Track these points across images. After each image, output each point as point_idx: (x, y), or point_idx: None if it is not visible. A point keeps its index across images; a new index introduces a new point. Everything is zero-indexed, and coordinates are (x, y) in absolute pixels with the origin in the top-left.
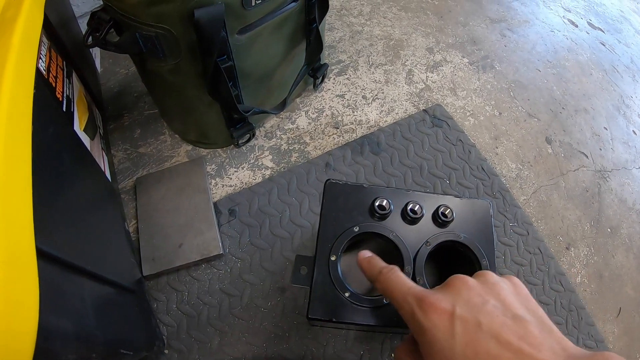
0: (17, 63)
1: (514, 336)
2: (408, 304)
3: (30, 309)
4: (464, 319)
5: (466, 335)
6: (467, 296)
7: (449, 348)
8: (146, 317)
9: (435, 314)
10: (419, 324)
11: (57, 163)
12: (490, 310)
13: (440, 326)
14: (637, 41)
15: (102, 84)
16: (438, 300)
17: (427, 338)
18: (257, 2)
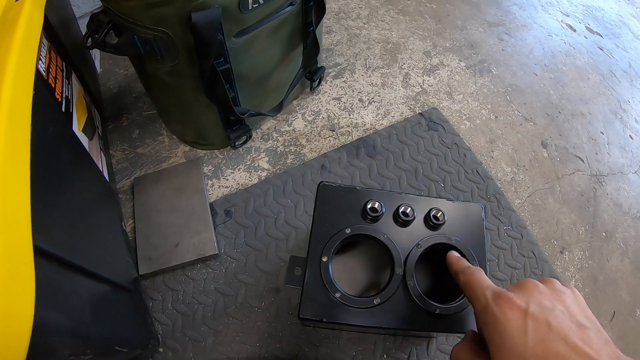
0: (17, 64)
1: (579, 340)
2: (484, 297)
3: (26, 304)
4: (536, 318)
5: (538, 333)
6: (539, 298)
7: (522, 344)
8: (141, 315)
9: (510, 309)
10: (493, 316)
11: (55, 163)
12: (558, 315)
13: (513, 322)
14: (636, 46)
15: (101, 85)
16: (514, 297)
17: (498, 330)
18: (254, 5)
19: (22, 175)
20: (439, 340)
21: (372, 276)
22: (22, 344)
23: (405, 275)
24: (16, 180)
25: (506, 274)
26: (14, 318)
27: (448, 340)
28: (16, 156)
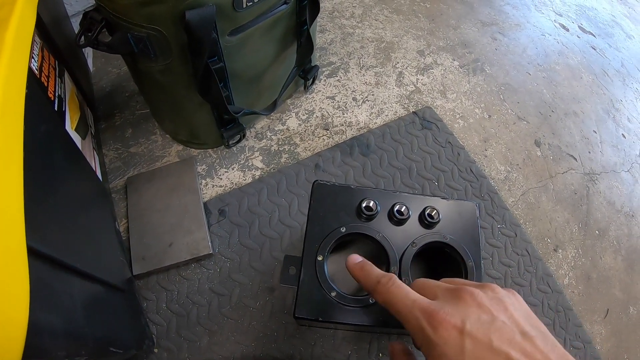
0: (9, 62)
1: (522, 354)
2: (415, 319)
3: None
4: (474, 337)
5: (476, 352)
6: (477, 313)
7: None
8: (136, 315)
9: (445, 331)
10: (428, 340)
11: (48, 162)
12: (500, 327)
13: (450, 342)
14: (628, 45)
15: (94, 83)
16: (448, 315)
17: (436, 353)
18: (248, 3)
19: (15, 175)
20: None
21: None
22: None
23: (401, 274)
24: (9, 179)
25: (500, 272)
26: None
27: None
28: (9, 155)
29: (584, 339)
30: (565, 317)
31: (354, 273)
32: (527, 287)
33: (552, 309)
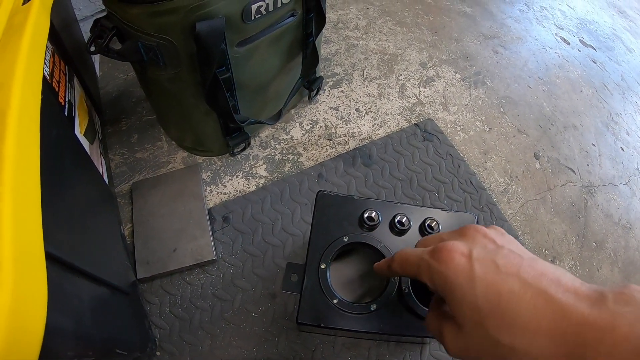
0: (26, 68)
1: (532, 272)
2: (424, 262)
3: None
4: (482, 261)
5: (486, 276)
6: (483, 242)
7: (471, 292)
8: (139, 319)
9: (453, 261)
10: (439, 275)
11: (59, 166)
12: (506, 254)
13: (459, 270)
14: (628, 59)
15: (101, 89)
16: (454, 246)
17: (449, 286)
18: (256, 16)
19: (34, 180)
20: (432, 347)
21: (368, 283)
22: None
23: (401, 283)
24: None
25: None
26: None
27: (441, 346)
28: (27, 161)
29: None
30: None
31: (377, 268)
32: None
33: None
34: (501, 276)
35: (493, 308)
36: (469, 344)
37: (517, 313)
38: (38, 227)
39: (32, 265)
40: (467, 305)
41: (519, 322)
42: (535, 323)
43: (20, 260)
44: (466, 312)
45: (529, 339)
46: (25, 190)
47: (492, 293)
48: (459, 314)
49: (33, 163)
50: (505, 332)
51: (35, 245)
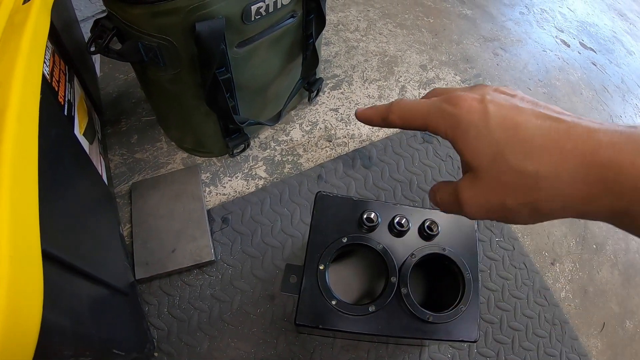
0: (26, 68)
1: (550, 110)
2: (436, 107)
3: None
4: (496, 102)
5: (501, 111)
6: (494, 93)
7: (485, 126)
8: (138, 319)
9: (465, 102)
10: (451, 117)
11: (58, 166)
12: (521, 97)
13: (473, 110)
14: (628, 61)
15: (101, 89)
16: (468, 93)
17: (462, 126)
18: (256, 17)
19: (31, 178)
20: (431, 349)
21: (367, 284)
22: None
23: (400, 284)
24: (26, 182)
25: (497, 285)
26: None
27: (440, 349)
28: (26, 159)
29: (579, 352)
30: (562, 331)
31: (363, 114)
32: (524, 300)
33: (548, 322)
34: (516, 110)
35: (511, 136)
36: (490, 190)
37: (538, 137)
38: (35, 226)
39: (28, 264)
40: (482, 140)
41: (541, 145)
42: (560, 145)
43: (16, 258)
44: (483, 149)
45: (556, 161)
46: (22, 188)
47: (508, 124)
48: (475, 155)
49: (31, 161)
50: (528, 158)
51: (31, 244)
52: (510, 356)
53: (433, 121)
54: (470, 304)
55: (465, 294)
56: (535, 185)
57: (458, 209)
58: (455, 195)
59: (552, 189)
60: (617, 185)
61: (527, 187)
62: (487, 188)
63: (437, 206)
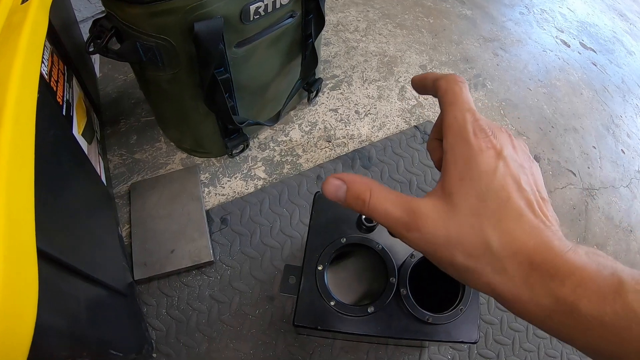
0: (23, 67)
1: (538, 208)
2: (463, 119)
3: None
4: (507, 166)
5: (505, 179)
6: (512, 153)
7: (487, 180)
8: (136, 320)
9: (486, 145)
10: (467, 143)
11: (56, 166)
12: (528, 178)
13: (486, 157)
14: (629, 61)
15: (100, 89)
16: (491, 136)
17: (468, 158)
18: (255, 16)
19: (27, 178)
20: (431, 350)
21: (366, 285)
22: (24, 344)
23: (399, 285)
24: (21, 182)
25: None
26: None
27: (440, 350)
28: (21, 159)
29: (580, 353)
30: None
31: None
32: None
33: None
34: (515, 189)
35: (501, 204)
36: (456, 225)
37: (515, 228)
38: (30, 225)
39: (23, 263)
40: (475, 187)
41: (514, 237)
42: (524, 246)
43: (10, 257)
44: (474, 186)
45: (506, 262)
46: (17, 188)
47: (503, 195)
48: (463, 183)
49: (27, 160)
50: (497, 231)
51: (26, 243)
52: (511, 357)
53: (451, 125)
54: (470, 305)
55: (465, 294)
56: (485, 255)
57: (402, 227)
58: (410, 212)
59: (494, 273)
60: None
61: (470, 264)
62: (457, 218)
63: (364, 210)
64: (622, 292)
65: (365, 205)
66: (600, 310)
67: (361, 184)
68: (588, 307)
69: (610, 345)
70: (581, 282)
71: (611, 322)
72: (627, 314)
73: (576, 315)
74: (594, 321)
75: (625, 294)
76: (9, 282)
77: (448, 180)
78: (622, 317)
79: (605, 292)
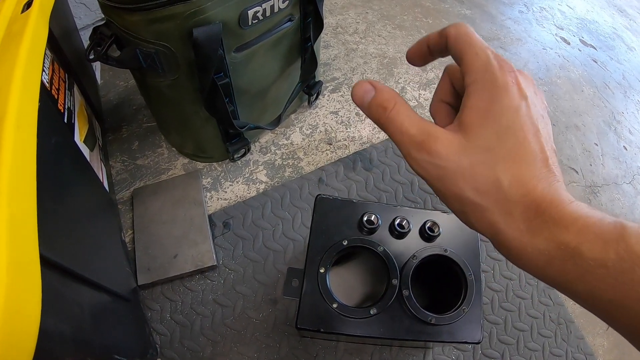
0: (24, 77)
1: (550, 154)
2: (485, 54)
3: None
4: (529, 108)
5: (526, 119)
6: (535, 99)
7: (508, 118)
8: (140, 325)
9: (512, 81)
10: (493, 77)
11: (58, 173)
12: (546, 124)
13: (511, 95)
14: (629, 58)
15: (101, 96)
16: (519, 76)
17: (492, 94)
18: (253, 21)
19: (29, 185)
20: (435, 351)
21: (368, 287)
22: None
23: (401, 286)
24: (24, 189)
25: (501, 285)
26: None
27: (444, 350)
28: (24, 166)
29: (586, 351)
30: (567, 330)
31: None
32: (529, 300)
33: (553, 321)
34: (533, 132)
35: (514, 149)
36: (469, 158)
37: (527, 172)
38: (33, 232)
39: (27, 269)
40: (496, 124)
41: (523, 171)
42: (532, 185)
43: (13, 263)
44: (497, 120)
45: (512, 204)
46: (20, 195)
47: (520, 137)
48: (485, 117)
49: (29, 168)
50: (507, 173)
51: (30, 250)
52: (516, 357)
53: (474, 62)
54: (473, 305)
55: (467, 295)
56: (493, 193)
57: (413, 145)
58: (425, 132)
59: (500, 213)
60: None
61: (487, 190)
62: (469, 157)
63: (371, 110)
64: (626, 236)
65: (385, 113)
66: (603, 253)
67: (389, 94)
68: (591, 250)
69: (611, 290)
70: (585, 228)
71: (613, 266)
72: (630, 257)
73: (578, 260)
74: (597, 265)
75: (629, 238)
76: (13, 289)
77: (468, 113)
78: (625, 260)
79: (609, 237)
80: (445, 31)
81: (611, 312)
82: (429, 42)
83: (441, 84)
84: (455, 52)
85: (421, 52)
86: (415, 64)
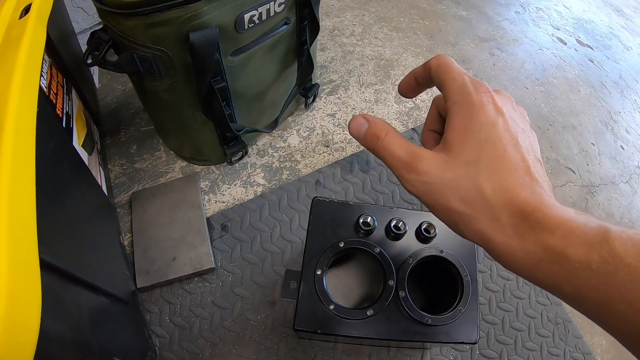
0: (22, 82)
1: (532, 168)
2: (462, 78)
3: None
4: (506, 122)
5: (504, 133)
6: (513, 114)
7: (486, 134)
8: (139, 327)
9: (487, 100)
10: (468, 98)
11: (57, 177)
12: (525, 138)
13: (487, 111)
14: (626, 57)
15: (99, 100)
16: (493, 93)
17: (469, 113)
18: (249, 25)
19: (29, 189)
20: (433, 352)
21: (365, 288)
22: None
23: (397, 287)
24: (23, 193)
25: (499, 285)
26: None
27: (442, 351)
28: (23, 171)
29: (584, 350)
30: (565, 329)
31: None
32: (526, 300)
33: (551, 321)
34: (512, 145)
35: (498, 154)
36: (453, 172)
37: (509, 180)
38: (33, 236)
39: (26, 273)
40: (474, 140)
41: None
42: (514, 194)
43: (14, 267)
44: (476, 135)
45: (498, 211)
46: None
47: (499, 149)
48: (461, 144)
49: (28, 173)
50: (489, 181)
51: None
52: (513, 357)
53: (451, 87)
54: (470, 306)
55: (464, 295)
56: (478, 202)
57: (402, 167)
58: (412, 154)
59: (486, 220)
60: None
61: (472, 200)
62: (455, 165)
63: (366, 140)
64: (609, 239)
65: (378, 142)
66: (587, 256)
67: (381, 124)
68: (576, 253)
69: (596, 291)
70: (569, 232)
71: (597, 268)
72: (613, 259)
73: (564, 263)
74: (582, 267)
75: (612, 241)
76: (12, 292)
77: (450, 133)
78: (608, 263)
79: (593, 240)
80: (428, 63)
81: (598, 312)
82: (416, 75)
83: (430, 114)
84: (437, 80)
85: (410, 84)
86: (407, 95)
